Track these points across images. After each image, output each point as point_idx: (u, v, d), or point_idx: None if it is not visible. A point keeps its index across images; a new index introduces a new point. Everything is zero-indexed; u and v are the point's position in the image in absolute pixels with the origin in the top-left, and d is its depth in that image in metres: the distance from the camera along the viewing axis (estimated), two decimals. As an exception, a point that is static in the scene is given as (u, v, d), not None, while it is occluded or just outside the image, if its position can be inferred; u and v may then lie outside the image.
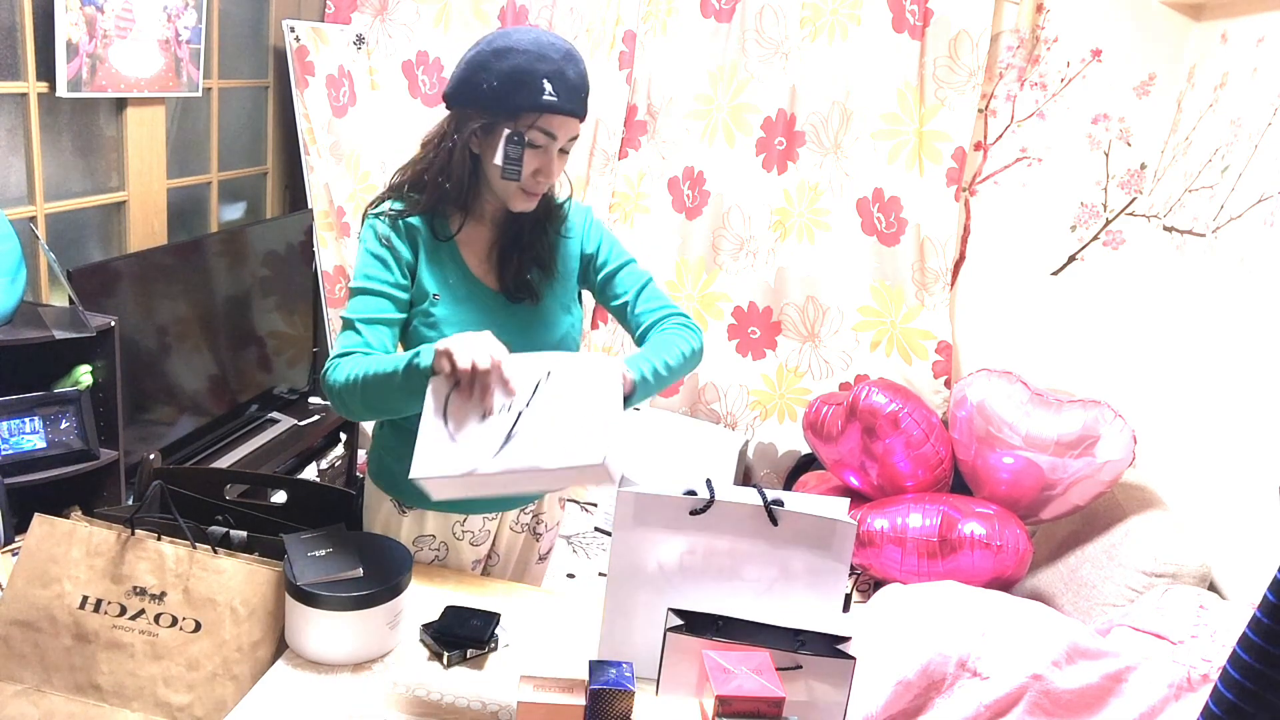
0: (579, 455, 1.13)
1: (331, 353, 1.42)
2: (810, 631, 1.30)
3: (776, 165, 3.25)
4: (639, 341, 1.54)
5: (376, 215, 1.47)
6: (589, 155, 3.34)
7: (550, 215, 1.53)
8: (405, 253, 1.44)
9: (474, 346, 1.20)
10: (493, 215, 1.51)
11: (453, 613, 1.39)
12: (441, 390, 1.22)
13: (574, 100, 1.37)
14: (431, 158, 1.45)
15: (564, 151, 1.42)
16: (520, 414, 1.18)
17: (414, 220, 1.46)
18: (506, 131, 1.35)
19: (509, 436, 1.16)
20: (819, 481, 3.14)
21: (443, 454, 1.18)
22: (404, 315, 1.45)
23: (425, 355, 1.25)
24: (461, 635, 1.35)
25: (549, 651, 1.39)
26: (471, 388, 1.19)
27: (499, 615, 1.41)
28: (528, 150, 1.37)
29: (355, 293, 1.44)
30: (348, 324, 1.42)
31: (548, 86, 1.33)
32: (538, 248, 1.51)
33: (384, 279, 1.43)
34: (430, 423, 1.22)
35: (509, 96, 1.34)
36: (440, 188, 1.44)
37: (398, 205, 1.47)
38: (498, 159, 1.36)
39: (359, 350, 1.39)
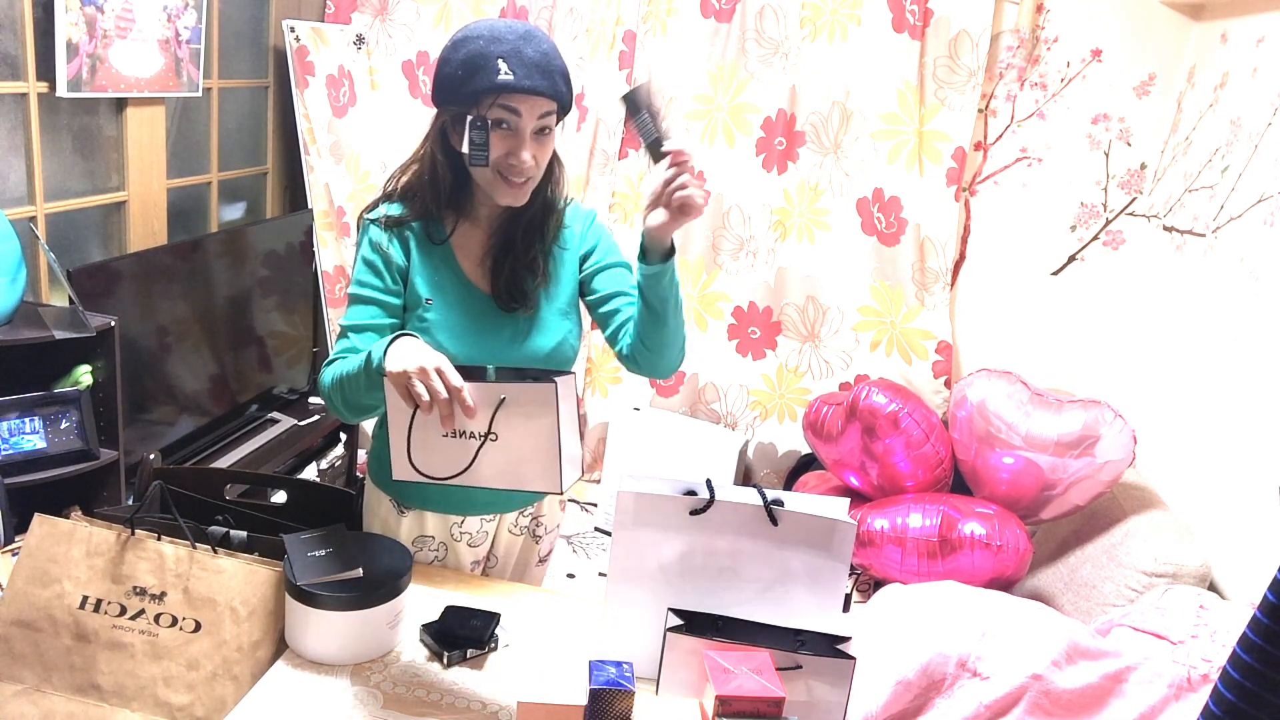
0: (538, 483, 1.25)
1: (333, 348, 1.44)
2: (810, 631, 1.30)
3: (776, 165, 3.25)
4: (614, 339, 1.51)
5: (372, 220, 1.46)
6: (589, 155, 3.34)
7: (548, 218, 1.50)
8: (398, 257, 1.44)
9: (429, 376, 1.17)
10: (488, 217, 1.49)
11: (453, 613, 1.39)
12: (401, 398, 1.23)
13: (533, 76, 1.33)
14: (418, 160, 1.46)
15: (542, 134, 1.38)
16: (481, 444, 1.24)
17: (409, 224, 1.46)
18: (469, 117, 1.33)
19: (472, 462, 1.25)
20: (819, 481, 3.14)
21: (412, 462, 1.26)
22: (396, 321, 1.45)
23: (377, 351, 1.25)
24: (461, 635, 1.35)
25: (549, 651, 1.39)
26: (430, 408, 1.19)
27: (499, 615, 1.41)
28: (496, 133, 1.35)
29: (350, 300, 1.46)
30: (342, 331, 1.44)
31: (502, 66, 1.31)
32: (532, 254, 1.48)
33: (375, 285, 1.44)
34: (397, 428, 1.25)
35: (467, 82, 1.33)
36: (426, 189, 1.44)
37: (393, 210, 1.47)
38: (464, 147, 1.35)
39: (343, 358, 1.41)
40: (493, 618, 1.39)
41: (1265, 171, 2.29)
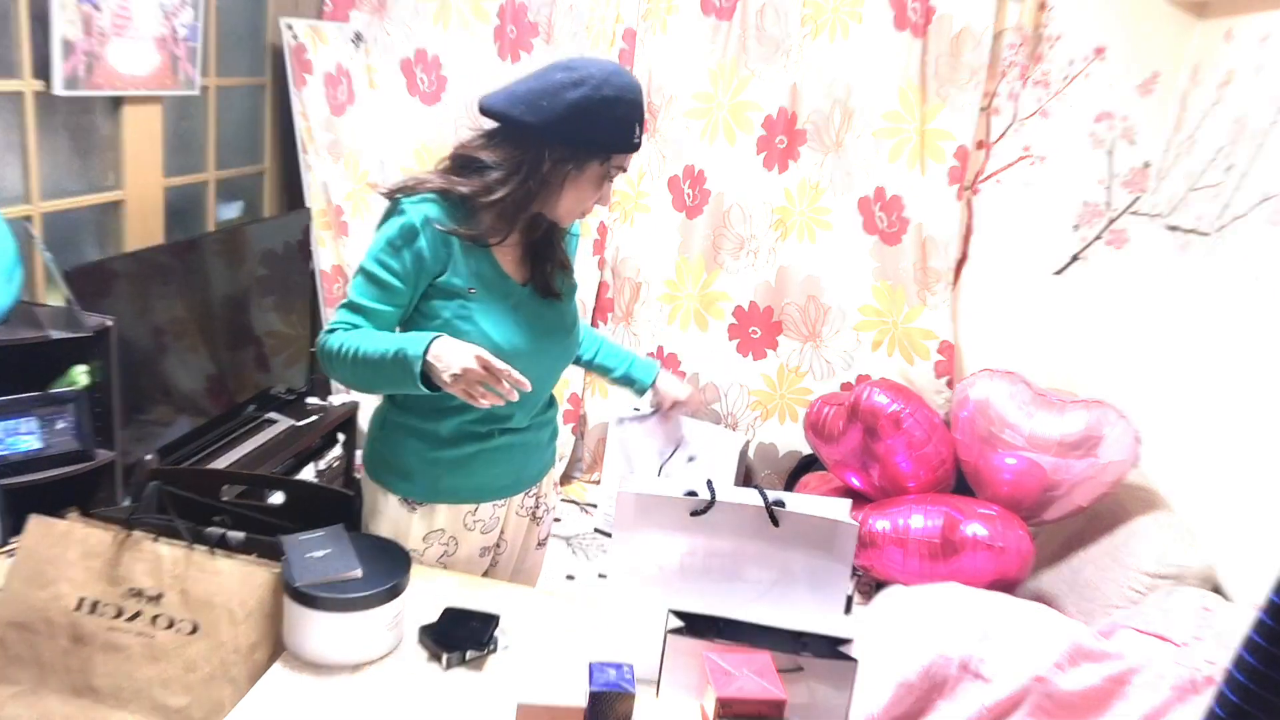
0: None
1: (329, 320, 1.45)
2: (812, 633, 1.29)
3: (777, 164, 3.24)
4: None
5: (408, 212, 1.41)
6: (589, 154, 3.33)
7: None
8: (428, 254, 1.41)
9: (481, 385, 1.31)
10: (524, 222, 1.52)
11: (452, 615, 1.39)
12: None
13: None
14: (503, 183, 1.42)
15: None
16: (692, 458, 1.82)
17: (449, 228, 1.43)
18: (610, 169, 1.47)
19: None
20: (820, 482, 3.13)
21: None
22: (401, 311, 1.45)
23: (413, 346, 1.32)
24: (460, 637, 1.34)
25: (548, 653, 1.38)
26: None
27: (498, 617, 1.40)
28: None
29: (365, 275, 1.43)
30: (350, 303, 1.43)
31: (637, 130, 1.46)
32: (561, 253, 1.60)
33: (394, 271, 1.41)
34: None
35: (612, 140, 1.44)
36: (508, 210, 1.43)
37: (434, 212, 1.42)
38: (599, 194, 1.51)
39: (346, 328, 1.43)
40: (492, 619, 1.39)
41: (1269, 170, 2.28)
